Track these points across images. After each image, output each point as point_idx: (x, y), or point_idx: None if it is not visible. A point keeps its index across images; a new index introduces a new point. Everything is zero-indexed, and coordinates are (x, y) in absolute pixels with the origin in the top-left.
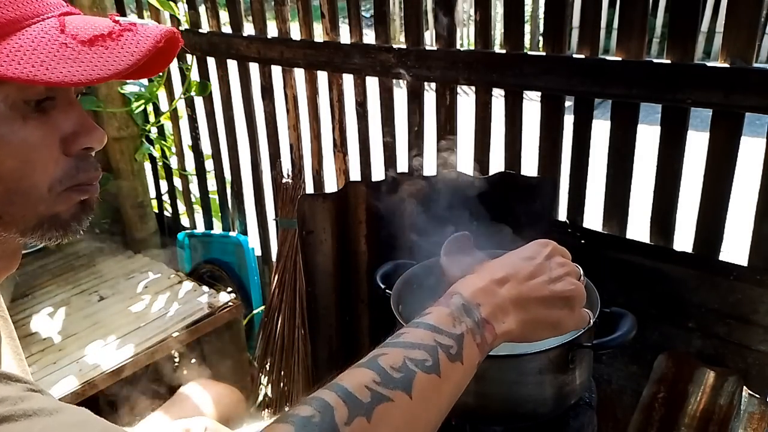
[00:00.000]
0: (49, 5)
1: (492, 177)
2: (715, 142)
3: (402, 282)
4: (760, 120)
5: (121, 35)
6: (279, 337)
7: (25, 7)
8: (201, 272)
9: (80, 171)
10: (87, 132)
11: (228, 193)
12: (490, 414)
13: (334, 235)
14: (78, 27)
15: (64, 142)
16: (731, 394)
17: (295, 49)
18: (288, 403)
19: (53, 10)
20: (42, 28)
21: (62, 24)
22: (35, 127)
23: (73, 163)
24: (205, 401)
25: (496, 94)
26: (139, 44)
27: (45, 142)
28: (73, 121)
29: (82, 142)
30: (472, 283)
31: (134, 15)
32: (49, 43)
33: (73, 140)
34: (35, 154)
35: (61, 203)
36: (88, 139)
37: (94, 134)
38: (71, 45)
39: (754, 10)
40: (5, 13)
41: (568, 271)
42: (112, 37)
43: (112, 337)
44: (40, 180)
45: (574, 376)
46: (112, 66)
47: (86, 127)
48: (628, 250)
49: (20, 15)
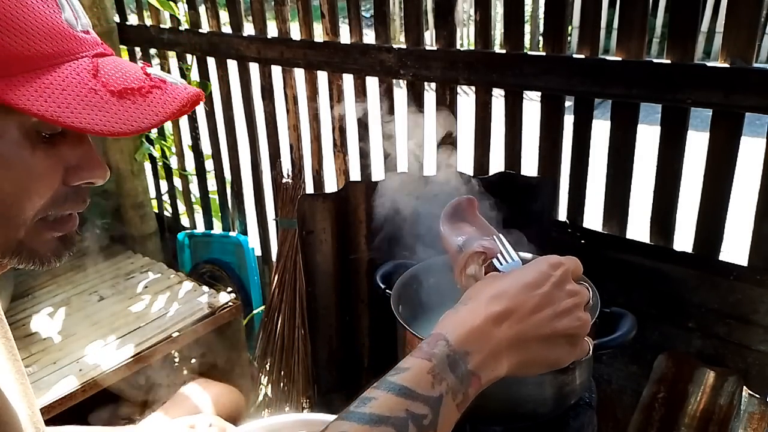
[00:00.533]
0: (86, 44)
1: (492, 177)
2: (715, 142)
3: (402, 282)
4: (760, 120)
5: (150, 92)
6: (279, 337)
7: (63, 45)
8: (201, 272)
9: (68, 201)
10: (91, 167)
11: (228, 193)
12: (490, 414)
13: (334, 235)
14: (109, 74)
15: (66, 172)
16: (731, 394)
17: (295, 49)
18: (288, 403)
19: (89, 49)
20: (75, 68)
21: (95, 67)
22: (42, 157)
23: (64, 193)
24: (205, 401)
25: (496, 94)
26: (165, 105)
27: (48, 173)
28: (80, 155)
29: (84, 176)
30: (463, 321)
31: (134, 15)
32: (79, 87)
33: (75, 173)
34: (36, 184)
35: (38, 237)
36: (90, 174)
37: (97, 171)
38: (100, 93)
39: (754, 10)
40: (42, 48)
41: (578, 302)
42: (141, 93)
43: (112, 337)
44: (30, 209)
45: (574, 376)
46: (135, 123)
47: (91, 162)
48: (628, 250)
49: (57, 51)
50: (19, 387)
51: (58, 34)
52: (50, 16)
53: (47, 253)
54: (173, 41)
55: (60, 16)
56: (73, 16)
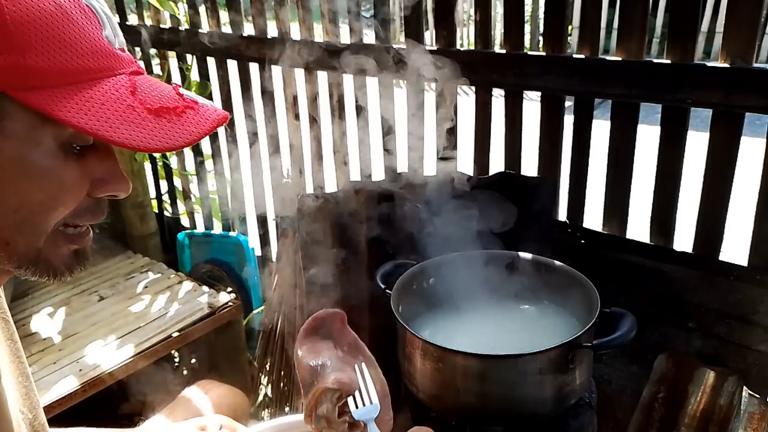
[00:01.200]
0: (123, 62)
1: (492, 177)
2: (715, 142)
3: (402, 282)
4: (760, 120)
5: (184, 112)
6: (279, 337)
7: (103, 61)
8: (201, 272)
9: (89, 212)
10: (116, 181)
11: (228, 193)
12: (490, 414)
13: (334, 235)
14: (146, 92)
15: (92, 184)
16: (731, 394)
17: (295, 49)
18: (288, 403)
19: (125, 67)
20: (114, 84)
21: (133, 85)
22: (73, 168)
23: (87, 204)
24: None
25: (496, 94)
26: (198, 125)
27: (77, 184)
28: (106, 168)
29: (109, 190)
30: None
31: (134, 15)
32: (118, 102)
33: (100, 186)
34: (64, 194)
35: (54, 248)
36: (115, 187)
37: (121, 185)
38: (138, 110)
39: (754, 10)
40: (85, 63)
41: None
42: (176, 113)
43: (112, 337)
44: (54, 217)
45: (574, 376)
46: (170, 141)
47: (116, 176)
48: (628, 250)
49: (97, 67)
50: (22, 390)
51: (99, 51)
52: (93, 33)
53: (61, 266)
54: (173, 41)
55: (101, 33)
56: (113, 34)
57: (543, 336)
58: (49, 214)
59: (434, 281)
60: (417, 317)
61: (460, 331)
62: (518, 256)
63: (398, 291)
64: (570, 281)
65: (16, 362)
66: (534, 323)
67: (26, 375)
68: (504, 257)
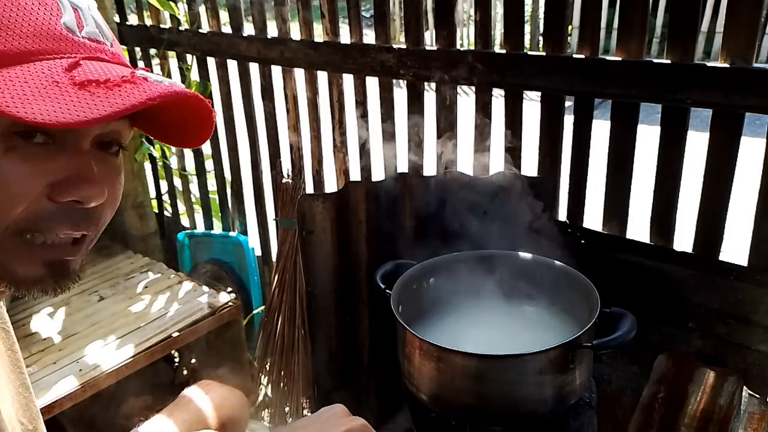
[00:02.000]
0: (82, 47)
1: (492, 177)
2: (715, 142)
3: (402, 282)
4: (760, 120)
5: (120, 85)
6: (279, 337)
7: (48, 44)
8: (201, 272)
9: (56, 220)
10: (78, 183)
11: (228, 193)
12: (490, 414)
13: (334, 235)
14: (88, 70)
15: (52, 187)
16: (731, 394)
17: (295, 49)
18: (288, 403)
19: (83, 52)
20: (51, 65)
21: (74, 64)
22: (15, 160)
23: (48, 209)
24: (209, 404)
25: (496, 94)
26: (127, 97)
27: (22, 179)
28: (71, 168)
29: (69, 193)
30: None
31: (134, 15)
32: (42, 79)
33: (61, 188)
34: (4, 188)
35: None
36: (78, 190)
37: (83, 188)
38: (62, 84)
39: (754, 10)
40: (22, 45)
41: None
42: (107, 86)
43: (112, 337)
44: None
45: (574, 376)
46: (81, 113)
47: (81, 178)
48: (628, 250)
49: (38, 49)
50: (22, 401)
51: (46, 33)
52: (42, 17)
53: (29, 280)
54: (173, 41)
55: (57, 19)
56: (76, 22)
57: (543, 336)
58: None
59: (434, 281)
60: (417, 317)
61: (460, 331)
62: (518, 256)
63: (398, 291)
64: (570, 281)
65: (16, 372)
66: (534, 323)
67: (26, 386)
68: (504, 257)
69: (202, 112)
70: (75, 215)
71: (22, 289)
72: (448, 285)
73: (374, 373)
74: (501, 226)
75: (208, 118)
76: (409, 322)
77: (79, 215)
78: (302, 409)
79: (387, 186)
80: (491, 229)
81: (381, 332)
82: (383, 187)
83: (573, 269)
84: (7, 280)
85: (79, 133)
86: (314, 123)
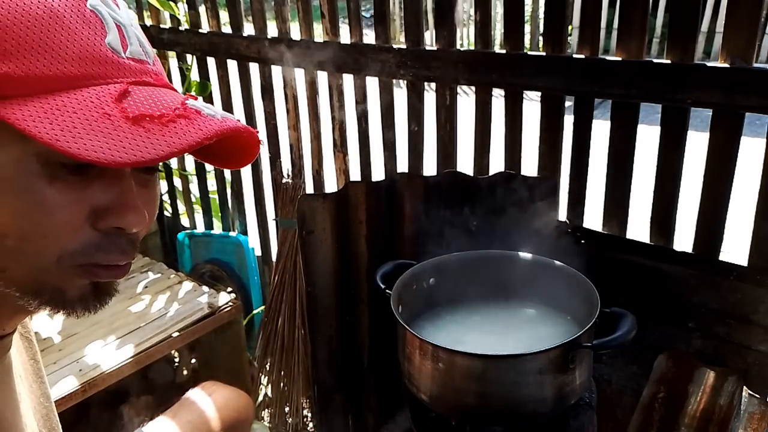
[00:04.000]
0: (128, 70)
1: (492, 177)
2: (715, 142)
3: (402, 282)
4: (760, 120)
5: (174, 121)
6: (279, 337)
7: (94, 68)
8: (201, 272)
9: (100, 250)
10: (120, 211)
11: (228, 193)
12: (490, 414)
13: (334, 235)
14: (138, 100)
15: (95, 214)
16: (731, 394)
17: (295, 49)
18: (288, 404)
19: (129, 76)
20: (98, 93)
21: (123, 91)
22: (60, 190)
23: (95, 239)
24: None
25: (496, 94)
26: (183, 136)
27: (66, 209)
28: (112, 195)
29: (111, 221)
30: None
31: (134, 15)
32: (92, 110)
33: (103, 216)
34: (49, 219)
35: (68, 280)
36: (118, 219)
37: (126, 216)
38: (114, 117)
39: (754, 10)
40: (67, 69)
41: None
42: (162, 121)
43: (112, 337)
44: (47, 248)
45: (574, 376)
46: (139, 152)
47: (123, 205)
48: (628, 250)
49: (85, 74)
50: (43, 411)
51: (91, 56)
52: (87, 38)
53: (75, 299)
54: (173, 41)
55: (101, 40)
56: (120, 42)
57: (543, 336)
58: (39, 243)
59: (434, 281)
60: (417, 317)
61: (460, 331)
62: (518, 256)
63: (398, 291)
64: (570, 281)
65: (38, 382)
66: (534, 323)
67: (47, 396)
68: (504, 257)
69: (248, 141)
70: (121, 242)
71: (67, 309)
72: (448, 285)
73: (374, 373)
74: (501, 226)
75: (254, 147)
76: (409, 322)
77: (124, 242)
78: (302, 409)
79: (387, 186)
80: (491, 229)
81: (381, 332)
82: (383, 187)
83: (573, 269)
84: (54, 303)
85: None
86: (314, 123)
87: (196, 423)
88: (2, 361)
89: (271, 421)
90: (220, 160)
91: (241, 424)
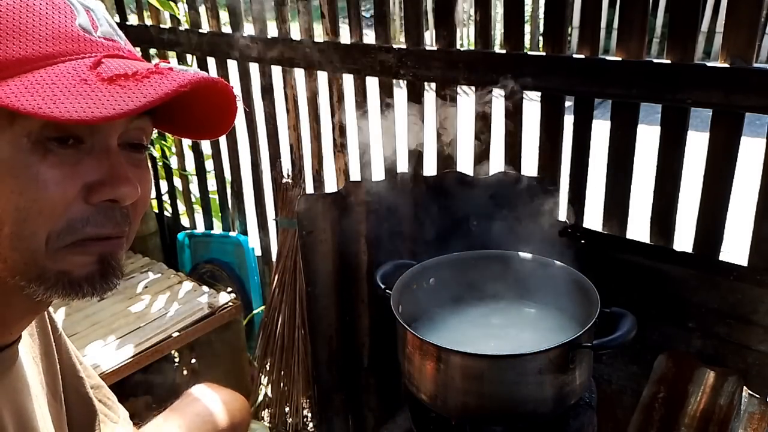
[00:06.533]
0: (100, 46)
1: (492, 177)
2: (715, 142)
3: (402, 282)
4: (760, 120)
5: (148, 77)
6: (279, 337)
7: (67, 45)
8: (201, 272)
9: (90, 224)
10: (113, 183)
11: (228, 193)
12: (490, 414)
13: (334, 235)
14: (112, 67)
15: (88, 189)
16: (731, 394)
17: (295, 49)
18: (288, 403)
19: (102, 51)
20: (74, 65)
21: (97, 62)
22: (53, 165)
23: (87, 213)
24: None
25: (496, 94)
26: (159, 86)
27: (60, 183)
28: (104, 169)
29: (105, 193)
30: None
31: (134, 15)
32: (70, 78)
33: (96, 189)
34: (45, 194)
35: (68, 260)
36: (111, 190)
37: (119, 187)
38: (90, 81)
39: (754, 10)
40: (41, 48)
41: None
42: (136, 78)
43: (112, 337)
44: (42, 224)
45: (574, 376)
46: (118, 106)
47: (115, 177)
48: (628, 250)
49: (59, 51)
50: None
51: (63, 36)
52: (58, 20)
53: (82, 277)
54: (173, 41)
55: (72, 21)
56: (90, 23)
57: (543, 336)
58: (35, 221)
59: (434, 281)
60: (417, 317)
61: (459, 331)
62: (518, 256)
63: (398, 291)
64: (570, 281)
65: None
66: (534, 323)
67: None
68: (504, 257)
69: (225, 99)
70: (113, 215)
71: (75, 290)
72: (448, 285)
73: (374, 373)
74: (501, 226)
75: (230, 105)
76: (409, 322)
77: (118, 215)
78: (302, 409)
79: (387, 186)
80: (491, 229)
81: (381, 332)
82: (383, 187)
83: (573, 269)
84: (61, 287)
85: (106, 133)
86: (314, 123)
87: (192, 425)
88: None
89: (271, 421)
90: (199, 131)
91: (238, 426)
